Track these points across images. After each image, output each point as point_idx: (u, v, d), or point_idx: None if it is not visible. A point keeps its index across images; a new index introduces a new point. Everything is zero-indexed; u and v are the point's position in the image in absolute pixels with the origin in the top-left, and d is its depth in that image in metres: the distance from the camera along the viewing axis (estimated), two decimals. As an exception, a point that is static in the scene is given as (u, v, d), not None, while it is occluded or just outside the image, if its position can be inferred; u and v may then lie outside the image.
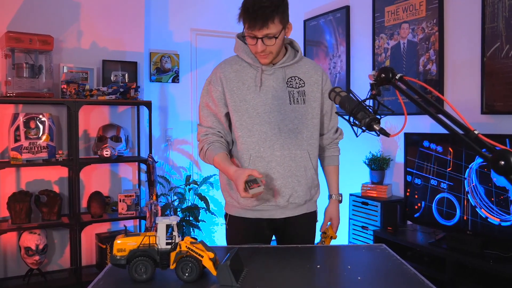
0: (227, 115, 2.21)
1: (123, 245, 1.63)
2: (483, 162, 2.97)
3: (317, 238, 2.42)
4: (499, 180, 2.92)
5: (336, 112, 2.03)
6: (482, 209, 3.02)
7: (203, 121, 2.25)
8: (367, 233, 3.92)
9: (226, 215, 2.34)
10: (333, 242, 2.38)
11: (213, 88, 2.19)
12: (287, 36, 2.14)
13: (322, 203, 2.44)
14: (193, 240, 1.63)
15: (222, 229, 5.09)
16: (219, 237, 5.12)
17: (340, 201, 2.42)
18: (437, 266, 3.22)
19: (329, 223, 2.41)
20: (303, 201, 2.23)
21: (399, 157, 4.02)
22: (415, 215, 3.52)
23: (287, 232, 2.28)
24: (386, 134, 1.47)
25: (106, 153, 3.95)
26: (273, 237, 2.38)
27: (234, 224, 2.28)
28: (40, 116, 3.86)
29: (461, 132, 1.24)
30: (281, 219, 2.24)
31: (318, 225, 2.41)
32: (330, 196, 2.42)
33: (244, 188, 1.91)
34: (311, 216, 2.34)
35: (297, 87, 2.17)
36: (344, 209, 4.33)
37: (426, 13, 3.74)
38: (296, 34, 5.37)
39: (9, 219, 3.81)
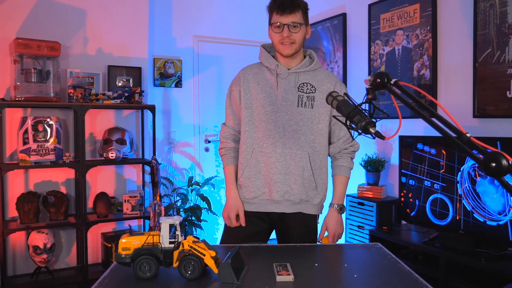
0: None
1: (128, 244, 1.63)
2: (475, 164, 2.97)
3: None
4: (481, 183, 2.92)
5: (334, 116, 2.04)
6: (474, 209, 3.02)
7: (227, 120, 2.43)
8: (363, 233, 3.92)
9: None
10: None
11: (234, 88, 2.36)
12: (307, 37, 2.29)
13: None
14: (196, 239, 1.63)
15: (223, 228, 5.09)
16: (220, 236, 5.11)
17: (341, 212, 2.33)
18: (430, 264, 3.22)
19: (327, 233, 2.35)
20: (298, 200, 2.25)
21: (394, 159, 4.02)
22: (410, 215, 3.52)
23: (284, 230, 2.33)
24: (382, 137, 1.47)
25: (112, 155, 3.95)
26: (273, 235, 2.42)
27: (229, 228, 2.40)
28: (48, 120, 3.86)
29: (453, 135, 1.24)
30: (276, 214, 2.29)
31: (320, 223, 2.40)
32: (330, 205, 2.36)
33: (232, 218, 2.30)
34: (309, 219, 2.32)
35: (307, 92, 2.25)
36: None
37: (420, 20, 3.74)
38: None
39: (18, 219, 3.80)
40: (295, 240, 2.24)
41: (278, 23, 2.17)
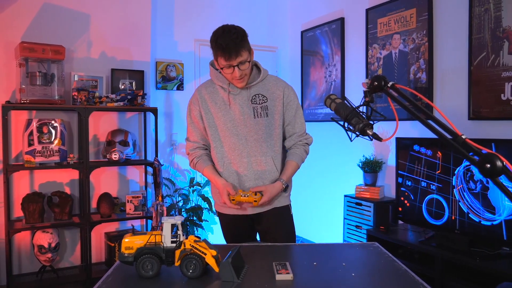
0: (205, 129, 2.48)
1: (131, 243, 1.63)
2: (470, 165, 2.97)
3: (320, 238, 2.49)
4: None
5: (332, 118, 2.04)
6: (469, 209, 3.02)
7: (190, 136, 2.54)
8: (360, 232, 3.91)
9: (216, 211, 2.62)
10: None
11: (193, 107, 2.48)
12: (252, 60, 2.33)
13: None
14: (197, 239, 1.64)
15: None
16: (221, 236, 5.11)
17: (283, 187, 2.40)
18: (426, 263, 3.22)
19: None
20: (271, 202, 2.43)
21: (391, 160, 4.02)
22: (406, 215, 3.52)
23: (264, 225, 2.48)
24: (379, 139, 1.47)
25: (115, 156, 3.95)
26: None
27: (223, 219, 2.57)
28: (53, 122, 3.86)
29: (449, 136, 1.25)
30: (254, 214, 2.44)
31: (319, 223, 2.44)
32: (278, 179, 2.42)
33: (229, 199, 2.31)
34: (284, 210, 2.49)
35: (260, 103, 2.38)
36: (339, 209, 4.34)
37: (417, 24, 3.75)
38: (294, 44, 5.40)
39: (23, 218, 3.80)
40: (276, 233, 2.44)
41: (228, 65, 2.23)
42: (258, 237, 2.62)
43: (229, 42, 2.16)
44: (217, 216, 2.70)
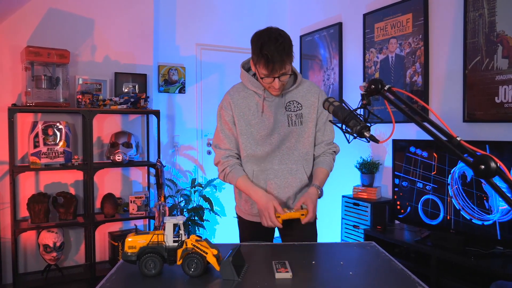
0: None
1: (134, 242, 1.63)
2: (465, 166, 2.97)
3: (319, 238, 2.41)
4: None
5: (330, 121, 2.04)
6: (464, 210, 3.02)
7: (221, 144, 2.29)
8: (358, 232, 3.91)
9: (237, 215, 2.48)
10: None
11: (225, 113, 2.26)
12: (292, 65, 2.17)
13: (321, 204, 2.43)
14: (198, 238, 1.63)
15: (224, 227, 5.09)
16: (222, 235, 5.11)
17: (319, 193, 2.21)
18: (422, 262, 3.22)
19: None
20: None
21: (387, 161, 4.02)
22: (402, 215, 3.52)
23: (287, 231, 2.30)
24: (376, 141, 1.47)
25: (118, 158, 3.96)
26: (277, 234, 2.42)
27: (243, 223, 2.43)
28: (57, 124, 3.86)
29: (444, 138, 1.25)
30: None
31: (318, 223, 2.39)
32: (312, 184, 2.24)
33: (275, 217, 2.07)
34: None
35: (295, 110, 2.22)
36: (337, 209, 4.34)
37: (413, 29, 3.75)
38: (293, 48, 5.39)
39: (29, 218, 3.81)
40: (298, 234, 2.27)
41: (269, 75, 2.06)
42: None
43: (275, 53, 1.97)
44: (236, 218, 2.51)
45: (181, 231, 1.64)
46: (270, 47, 1.97)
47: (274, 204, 2.08)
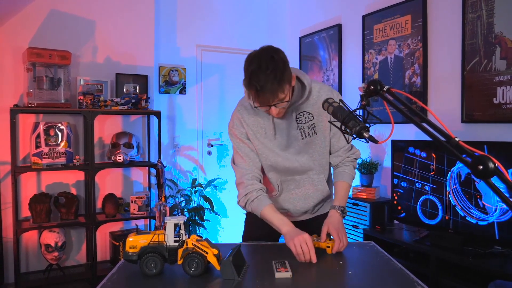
0: None
1: (135, 242, 1.63)
2: (463, 166, 2.97)
3: None
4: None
5: (330, 121, 2.02)
6: (462, 210, 3.02)
7: (240, 162, 2.13)
8: (357, 232, 3.91)
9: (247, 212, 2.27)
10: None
11: (237, 131, 2.11)
12: (293, 84, 1.93)
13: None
14: (199, 238, 1.63)
15: (225, 227, 5.09)
16: (222, 235, 5.11)
17: (342, 214, 2.05)
18: (421, 261, 3.22)
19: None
20: (316, 210, 2.25)
21: (386, 162, 4.02)
22: (401, 215, 3.52)
23: (305, 230, 2.14)
24: (375, 141, 1.47)
25: (119, 158, 3.96)
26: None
27: (253, 220, 2.26)
28: (59, 125, 3.86)
29: (443, 139, 1.25)
30: (295, 222, 2.21)
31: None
32: (331, 207, 2.08)
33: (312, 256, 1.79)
34: (325, 217, 2.14)
35: (306, 121, 2.07)
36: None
37: (411, 30, 3.75)
38: (292, 49, 5.39)
39: (30, 218, 3.80)
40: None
41: (261, 106, 1.88)
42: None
43: (266, 83, 1.74)
44: (246, 216, 2.37)
45: (182, 231, 1.64)
46: (260, 77, 1.74)
47: (308, 241, 1.81)
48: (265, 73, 1.74)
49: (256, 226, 2.22)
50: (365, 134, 1.49)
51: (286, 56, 1.85)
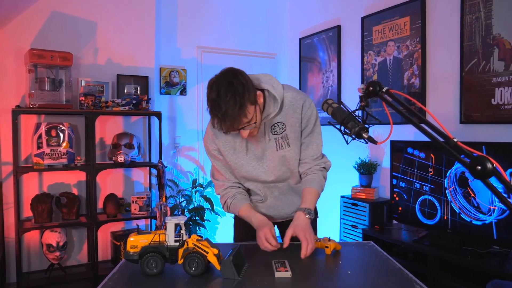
0: None
1: (136, 242, 1.63)
2: (462, 167, 2.97)
3: (320, 234, 2.32)
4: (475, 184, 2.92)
5: (329, 122, 2.01)
6: (461, 210, 3.02)
7: (217, 175, 2.16)
8: (356, 232, 3.91)
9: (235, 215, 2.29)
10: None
11: (211, 147, 2.10)
12: (261, 103, 1.87)
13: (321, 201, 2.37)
14: (199, 238, 1.63)
15: (225, 227, 5.09)
16: (223, 235, 5.11)
17: (309, 216, 1.93)
18: (420, 261, 3.21)
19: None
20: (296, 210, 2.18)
21: (385, 162, 4.02)
22: (400, 215, 3.52)
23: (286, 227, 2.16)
24: (374, 142, 1.47)
25: (120, 159, 3.96)
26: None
27: (240, 222, 2.25)
28: (61, 125, 3.86)
29: (441, 140, 1.25)
30: (278, 222, 2.27)
31: (319, 221, 2.35)
32: (296, 211, 1.98)
33: (271, 242, 1.85)
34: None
35: (280, 132, 2.00)
36: (336, 210, 4.34)
37: (410, 32, 3.75)
38: (292, 51, 5.40)
39: (32, 218, 3.81)
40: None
41: (226, 132, 1.82)
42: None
43: (226, 111, 1.69)
44: (234, 218, 2.38)
45: (182, 231, 1.64)
46: (220, 105, 1.70)
47: (271, 229, 1.89)
48: (225, 100, 1.69)
49: (244, 227, 2.18)
50: (364, 135, 1.49)
51: (246, 78, 1.79)
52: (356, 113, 1.55)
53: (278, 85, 1.97)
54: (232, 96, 1.69)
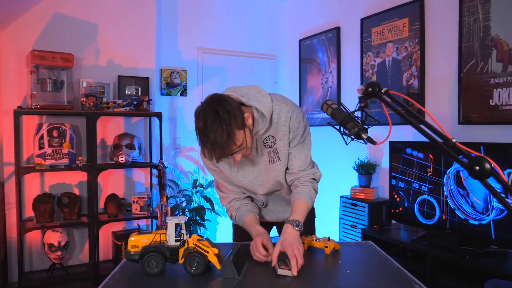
0: None
1: (137, 242, 1.63)
2: (460, 167, 2.97)
3: (317, 233, 2.33)
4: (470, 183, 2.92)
5: (329, 123, 2.00)
6: (459, 210, 3.02)
7: (220, 187, 2.15)
8: (355, 231, 3.91)
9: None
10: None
11: (207, 161, 2.03)
12: (250, 124, 1.81)
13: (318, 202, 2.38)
14: (200, 238, 1.64)
15: (225, 227, 5.09)
16: (223, 235, 5.11)
17: (297, 228, 1.82)
18: (418, 261, 3.21)
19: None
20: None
21: (384, 163, 4.02)
22: (399, 215, 3.52)
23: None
24: (373, 142, 1.47)
25: (121, 159, 3.96)
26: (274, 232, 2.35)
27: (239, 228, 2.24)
28: (62, 126, 3.86)
29: (440, 140, 1.25)
30: (275, 222, 2.29)
31: (317, 222, 2.37)
32: (285, 222, 1.86)
33: (260, 251, 1.79)
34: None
35: (271, 145, 1.97)
36: (335, 210, 4.34)
37: (409, 33, 3.75)
38: (292, 52, 5.40)
39: (34, 218, 3.81)
40: None
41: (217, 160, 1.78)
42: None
43: (214, 141, 1.66)
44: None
45: (183, 231, 1.64)
46: (208, 136, 1.66)
47: (263, 239, 1.83)
48: (212, 130, 1.65)
49: (242, 228, 2.16)
50: (364, 135, 1.49)
51: (232, 104, 1.73)
52: (355, 113, 1.55)
53: (266, 98, 1.92)
54: (219, 125, 1.65)
